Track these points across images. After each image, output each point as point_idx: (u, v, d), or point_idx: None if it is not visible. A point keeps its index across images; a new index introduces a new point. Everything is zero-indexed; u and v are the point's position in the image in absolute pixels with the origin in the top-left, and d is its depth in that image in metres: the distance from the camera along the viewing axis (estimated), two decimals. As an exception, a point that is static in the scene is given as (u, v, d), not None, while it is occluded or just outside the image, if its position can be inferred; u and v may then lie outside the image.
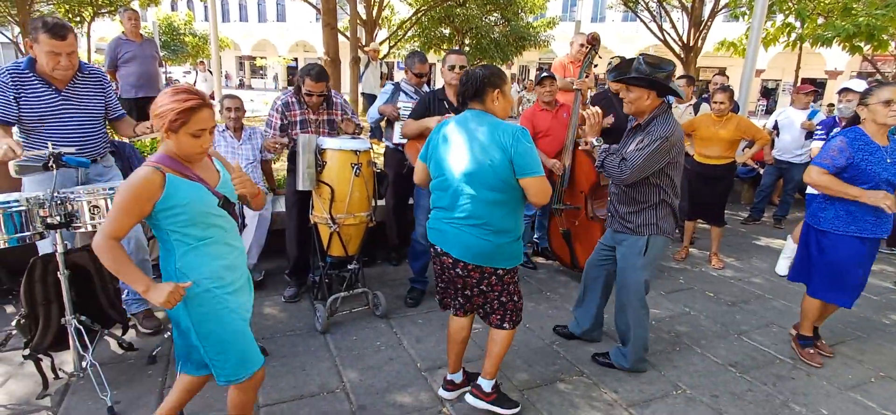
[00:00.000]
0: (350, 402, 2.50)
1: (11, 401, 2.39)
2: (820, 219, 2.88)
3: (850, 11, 7.51)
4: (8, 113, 2.51)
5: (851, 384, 2.86)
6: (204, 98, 1.70)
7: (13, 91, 2.50)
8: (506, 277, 2.25)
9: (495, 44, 18.24)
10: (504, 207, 2.13)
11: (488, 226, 2.12)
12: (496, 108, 2.17)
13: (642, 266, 2.67)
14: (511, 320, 2.33)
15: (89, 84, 2.73)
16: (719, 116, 4.35)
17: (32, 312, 2.38)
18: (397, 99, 3.89)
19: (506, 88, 2.19)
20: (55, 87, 2.60)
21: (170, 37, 25.59)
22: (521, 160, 2.05)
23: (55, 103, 2.59)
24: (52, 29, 2.41)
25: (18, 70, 2.54)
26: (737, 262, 4.83)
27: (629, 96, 2.55)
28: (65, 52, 2.48)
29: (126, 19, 5.50)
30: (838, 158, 2.69)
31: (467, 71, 2.23)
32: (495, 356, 2.37)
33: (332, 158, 3.02)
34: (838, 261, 2.84)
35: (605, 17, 29.72)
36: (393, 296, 3.64)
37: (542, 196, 2.13)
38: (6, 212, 2.13)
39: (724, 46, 10.24)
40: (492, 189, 2.09)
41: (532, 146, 2.09)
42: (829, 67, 24.66)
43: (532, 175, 2.07)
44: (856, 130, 2.73)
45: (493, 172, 2.07)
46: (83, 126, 2.69)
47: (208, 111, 1.70)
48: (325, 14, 6.52)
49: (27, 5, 12.67)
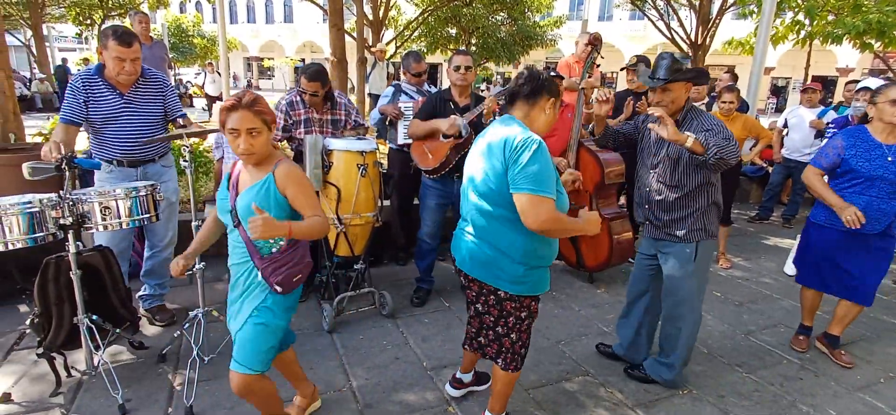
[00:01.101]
0: (356, 401, 2.52)
1: (25, 399, 2.43)
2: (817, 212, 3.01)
3: (861, 8, 7.43)
4: (76, 114, 2.70)
5: (860, 385, 2.84)
6: (240, 100, 1.74)
7: (84, 94, 2.70)
8: (507, 303, 2.00)
9: (502, 43, 18.19)
10: (507, 224, 1.89)
11: (487, 237, 1.96)
12: (543, 118, 1.97)
13: (693, 273, 2.49)
14: (505, 359, 2.10)
15: (150, 88, 2.89)
16: (726, 115, 4.32)
17: (46, 311, 2.43)
18: (398, 100, 3.91)
19: (559, 104, 2.02)
20: (119, 91, 2.77)
21: (179, 39, 25.81)
22: (515, 171, 1.79)
23: (118, 107, 2.78)
24: (121, 37, 2.62)
25: (89, 75, 2.74)
26: (745, 261, 4.80)
27: (669, 97, 2.39)
28: (129, 58, 2.66)
29: (136, 23, 5.57)
30: (830, 155, 2.81)
31: (530, 68, 2.01)
32: (497, 394, 2.21)
33: (338, 158, 3.04)
34: (819, 247, 2.99)
35: (613, 16, 29.58)
36: (399, 296, 3.66)
37: (534, 219, 1.77)
38: (22, 212, 2.18)
39: (732, 45, 10.15)
40: (493, 202, 1.90)
41: (540, 159, 1.79)
42: (840, 65, 24.35)
43: (523, 191, 1.77)
44: (855, 130, 2.78)
45: (491, 182, 1.88)
46: (143, 127, 2.85)
47: (241, 113, 1.73)
48: (332, 15, 6.55)
49: (39, 9, 12.85)
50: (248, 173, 1.86)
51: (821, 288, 3.07)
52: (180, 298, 3.54)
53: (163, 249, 3.12)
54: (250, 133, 1.74)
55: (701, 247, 2.47)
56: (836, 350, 3.08)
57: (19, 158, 3.28)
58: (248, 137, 1.73)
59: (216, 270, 3.92)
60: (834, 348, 3.08)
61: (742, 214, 6.52)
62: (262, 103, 1.79)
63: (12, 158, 3.60)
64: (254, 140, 1.75)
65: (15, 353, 2.77)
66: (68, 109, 2.70)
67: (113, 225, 2.37)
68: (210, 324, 2.78)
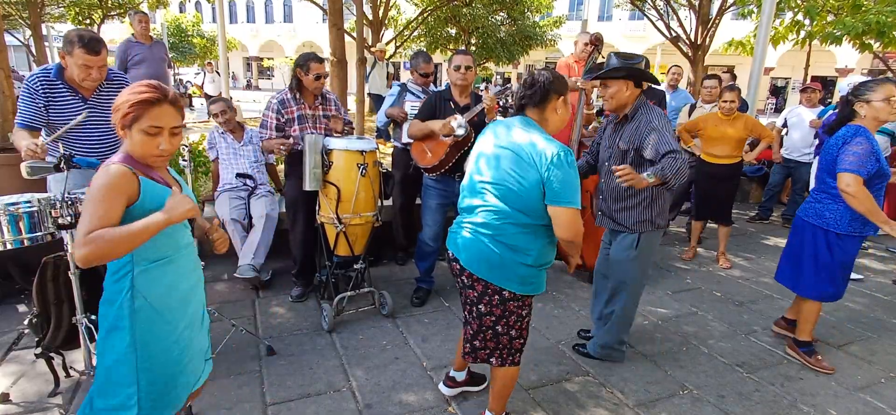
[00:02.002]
0: (356, 400, 2.51)
1: (24, 399, 2.43)
2: (833, 221, 2.77)
3: (860, 8, 7.42)
4: (37, 118, 2.60)
5: (861, 385, 2.83)
6: (166, 93, 1.50)
7: (43, 98, 2.59)
8: (511, 303, 2.00)
9: (502, 43, 18.19)
10: (525, 229, 1.93)
11: (500, 238, 1.94)
12: (556, 118, 2.00)
13: (635, 258, 2.69)
14: (499, 356, 2.09)
15: (113, 92, 2.79)
16: (727, 114, 4.32)
17: (44, 311, 2.42)
18: (404, 99, 3.90)
19: (568, 97, 2.03)
20: (82, 95, 2.68)
21: (178, 38, 25.81)
22: (555, 185, 1.82)
23: (80, 111, 2.66)
24: (88, 44, 2.50)
25: (47, 78, 2.62)
26: (745, 261, 4.79)
27: (608, 92, 2.60)
28: (97, 65, 2.56)
29: (136, 22, 5.57)
30: (869, 161, 2.58)
31: (532, 74, 2.01)
32: (497, 394, 2.20)
33: (338, 158, 3.04)
34: (846, 261, 2.84)
35: (612, 16, 29.59)
36: (399, 295, 3.66)
37: (570, 232, 1.86)
38: (23, 211, 2.17)
39: (732, 46, 10.15)
40: (516, 209, 1.91)
41: (573, 171, 1.85)
42: (840, 65, 24.37)
43: (563, 205, 1.83)
44: (864, 131, 2.69)
45: (520, 191, 1.88)
46: (106, 133, 2.77)
47: (170, 108, 1.50)
48: (332, 15, 6.54)
49: (38, 9, 12.83)
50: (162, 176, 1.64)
51: (832, 298, 2.91)
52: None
53: None
54: (173, 133, 1.54)
55: (644, 237, 2.66)
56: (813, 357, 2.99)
57: (18, 157, 3.26)
58: (171, 139, 1.54)
59: (215, 271, 3.92)
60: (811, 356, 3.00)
61: (742, 214, 6.52)
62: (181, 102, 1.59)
63: (11, 158, 3.59)
64: (175, 141, 1.56)
65: (13, 353, 2.75)
66: (27, 114, 2.55)
67: None
68: (209, 324, 2.77)
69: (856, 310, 3.81)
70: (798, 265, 2.99)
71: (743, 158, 4.53)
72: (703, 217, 4.77)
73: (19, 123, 2.58)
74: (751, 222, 6.21)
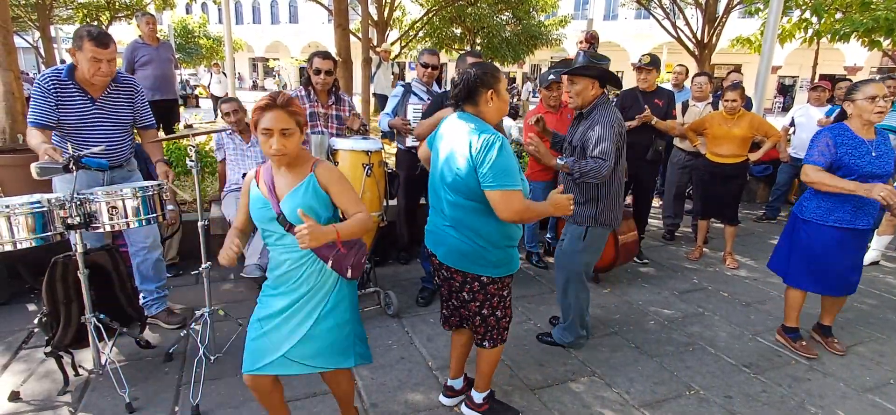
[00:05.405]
0: (362, 400, 2.52)
1: (33, 397, 2.45)
2: (804, 208, 2.96)
3: (869, 5, 7.35)
4: (49, 118, 2.61)
5: (869, 386, 2.81)
6: (275, 99, 1.70)
7: (55, 96, 2.61)
8: (491, 286, 2.12)
9: (507, 43, 18.18)
10: (480, 214, 2.00)
11: (470, 229, 2.03)
12: (490, 110, 2.03)
13: (582, 250, 2.86)
14: (491, 338, 2.22)
15: (121, 94, 2.83)
16: (731, 113, 4.29)
17: (54, 310, 2.45)
18: (407, 101, 3.89)
19: (501, 87, 2.05)
20: (90, 96, 2.70)
21: (185, 40, 25.97)
22: (485, 170, 1.88)
23: (89, 112, 2.71)
24: (97, 38, 2.53)
25: (59, 78, 2.64)
26: (752, 261, 4.76)
27: (575, 89, 2.71)
28: (106, 59, 2.58)
29: (143, 24, 5.61)
30: (826, 152, 2.76)
31: (460, 72, 2.10)
32: (482, 373, 2.33)
33: (343, 158, 3.05)
34: (815, 249, 2.92)
35: (618, 15, 29.50)
36: (404, 295, 3.66)
37: (508, 213, 1.91)
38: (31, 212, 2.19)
39: (739, 43, 10.09)
40: (467, 197, 1.99)
41: (503, 156, 1.89)
42: (848, 63, 24.16)
43: (495, 188, 1.88)
44: (838, 127, 2.80)
45: (463, 180, 1.96)
46: (111, 134, 2.79)
47: (275, 112, 1.69)
48: (337, 15, 6.57)
49: (47, 11, 12.95)
50: (283, 177, 1.80)
51: (815, 289, 3.00)
52: (186, 298, 3.55)
53: (150, 251, 3.00)
54: (283, 133, 1.70)
55: (591, 232, 2.82)
56: (829, 338, 3.18)
57: (28, 158, 3.30)
58: (281, 138, 1.70)
59: (222, 271, 3.94)
60: (827, 337, 3.19)
61: (749, 213, 6.48)
62: (296, 104, 1.75)
63: (19, 159, 3.63)
64: (286, 141, 1.71)
65: (23, 351, 2.79)
66: (39, 112, 2.58)
67: (120, 224, 2.35)
68: (217, 323, 2.79)
69: (865, 311, 3.78)
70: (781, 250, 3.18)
71: (749, 158, 4.49)
72: (709, 216, 4.74)
73: (32, 121, 2.61)
74: (758, 222, 6.17)
